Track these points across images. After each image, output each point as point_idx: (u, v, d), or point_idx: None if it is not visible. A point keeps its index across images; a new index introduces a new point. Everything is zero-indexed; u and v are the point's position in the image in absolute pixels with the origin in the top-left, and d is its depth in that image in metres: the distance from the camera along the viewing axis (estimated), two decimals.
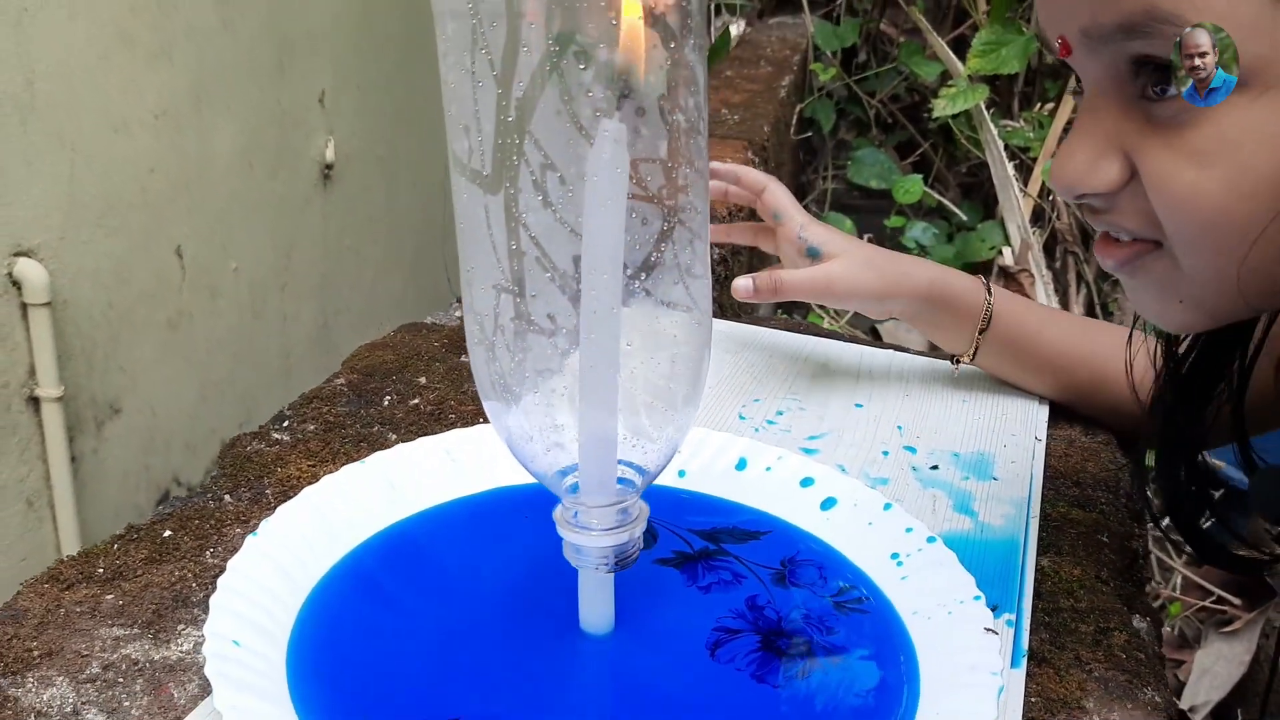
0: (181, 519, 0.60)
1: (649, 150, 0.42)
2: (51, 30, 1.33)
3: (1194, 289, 0.50)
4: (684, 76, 0.42)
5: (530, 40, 0.39)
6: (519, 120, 0.40)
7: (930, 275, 0.77)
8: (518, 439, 0.47)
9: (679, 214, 0.43)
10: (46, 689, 0.48)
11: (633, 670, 0.50)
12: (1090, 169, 0.50)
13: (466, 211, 0.43)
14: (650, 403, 0.46)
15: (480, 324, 0.45)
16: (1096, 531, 0.67)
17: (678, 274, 0.44)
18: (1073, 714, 0.52)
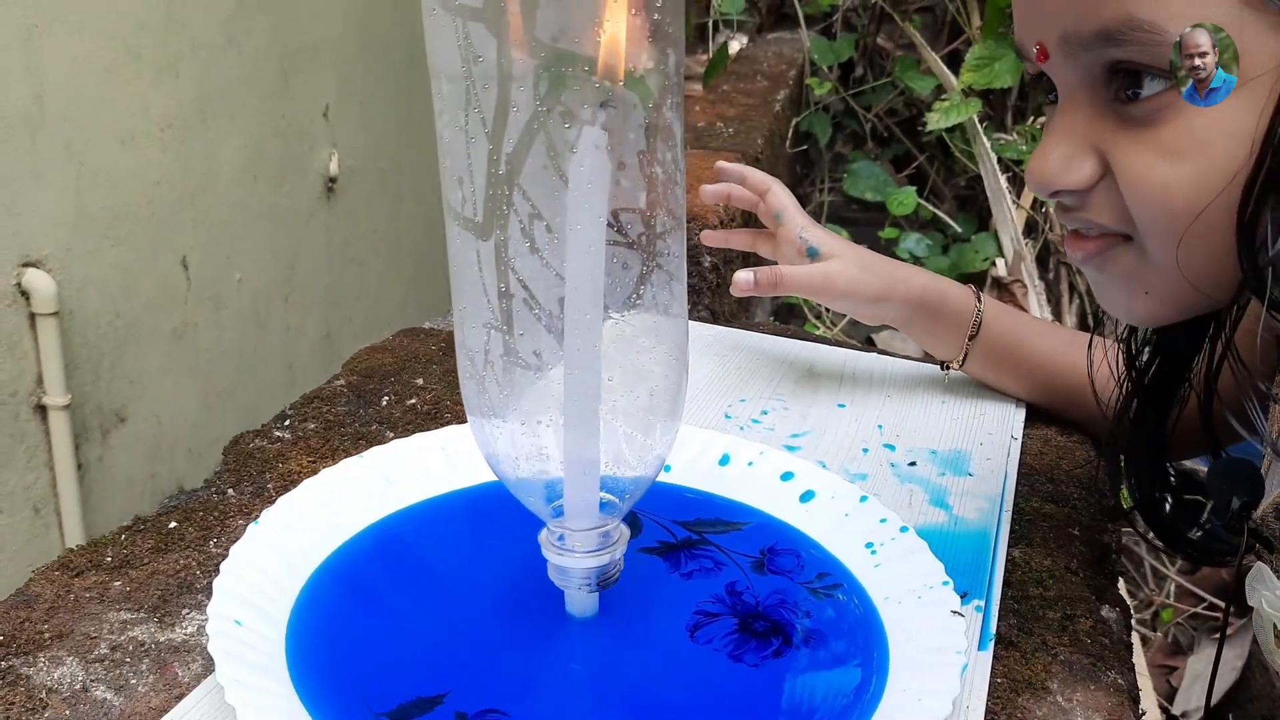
0: (186, 511, 0.62)
1: (629, 200, 0.45)
2: (60, 46, 1.36)
3: (1160, 280, 0.53)
4: (663, 133, 0.45)
5: (519, 101, 0.43)
6: (509, 174, 0.44)
7: (923, 281, 0.79)
8: (505, 466, 0.50)
9: (658, 258, 0.46)
10: (57, 668, 0.50)
11: (615, 650, 0.53)
12: (1065, 168, 0.53)
13: (459, 255, 0.46)
14: (630, 434, 0.49)
15: (471, 359, 0.48)
16: (1068, 525, 0.70)
17: (656, 314, 0.47)
18: (1037, 694, 0.55)
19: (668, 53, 0.44)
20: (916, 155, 2.24)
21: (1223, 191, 0.48)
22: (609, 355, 0.46)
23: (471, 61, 0.42)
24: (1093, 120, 0.51)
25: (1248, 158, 0.47)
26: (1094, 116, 0.51)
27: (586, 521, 0.51)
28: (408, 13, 2.16)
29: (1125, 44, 0.48)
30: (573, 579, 0.53)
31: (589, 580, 0.53)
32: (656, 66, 0.44)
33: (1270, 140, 0.46)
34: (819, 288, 0.79)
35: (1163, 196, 0.49)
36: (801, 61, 2.13)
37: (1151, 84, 0.48)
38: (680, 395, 0.50)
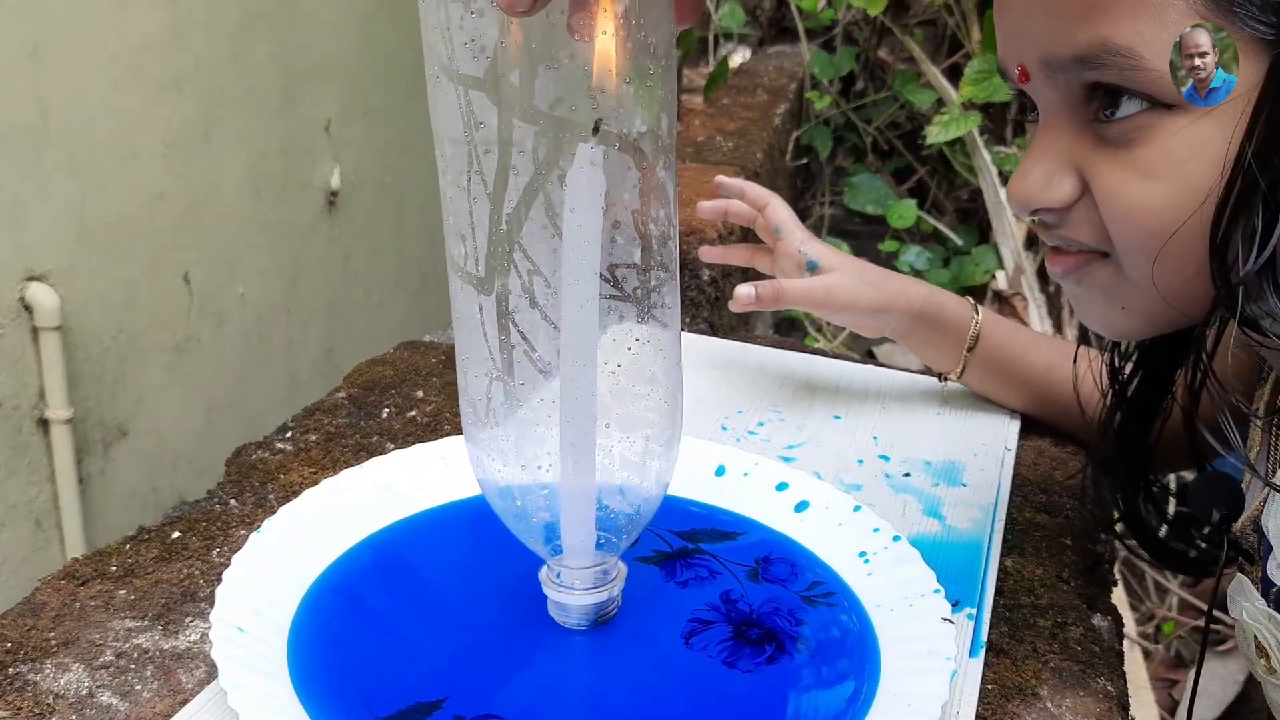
0: (189, 521, 0.63)
1: (624, 256, 0.46)
2: (65, 62, 1.37)
3: (1136, 296, 0.54)
4: (656, 192, 0.47)
5: (519, 165, 0.44)
6: (509, 232, 0.45)
7: (922, 293, 0.80)
8: (506, 507, 0.51)
9: (652, 310, 0.48)
10: (63, 674, 0.51)
11: (611, 656, 0.54)
12: (1045, 186, 0.54)
13: (462, 307, 0.48)
14: (627, 477, 0.51)
15: (474, 406, 0.49)
16: (1061, 535, 0.70)
17: (650, 361, 0.49)
18: (1026, 700, 0.55)
19: (661, 116, 0.46)
20: (917, 168, 2.25)
21: (1196, 211, 0.49)
22: (606, 404, 0.48)
23: (473, 127, 0.44)
24: (1073, 139, 0.53)
25: (1219, 179, 0.48)
26: (1074, 136, 0.53)
27: (584, 560, 0.52)
28: (410, 31, 2.17)
29: (1101, 67, 0.49)
30: (571, 614, 0.54)
31: (587, 616, 0.54)
32: (650, 130, 0.45)
33: (1240, 163, 0.47)
34: (820, 301, 0.79)
35: (1138, 215, 0.51)
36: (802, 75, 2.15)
37: (1129, 104, 0.50)
38: (675, 438, 0.52)
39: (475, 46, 0.43)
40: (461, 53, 0.43)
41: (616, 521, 0.52)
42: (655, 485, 0.52)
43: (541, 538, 0.53)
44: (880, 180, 2.11)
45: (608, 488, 0.51)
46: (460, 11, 0.42)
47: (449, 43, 0.43)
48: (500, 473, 0.51)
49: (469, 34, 0.43)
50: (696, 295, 1.11)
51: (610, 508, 0.51)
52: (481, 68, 0.43)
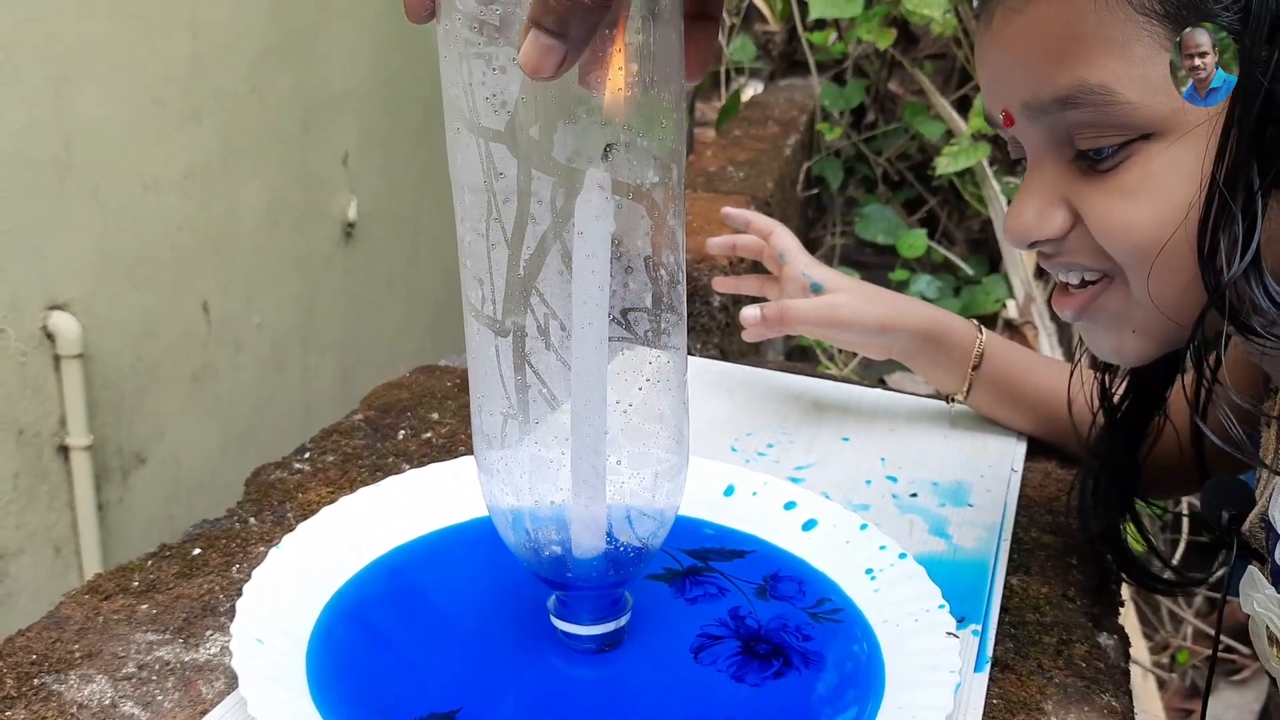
0: (210, 539, 0.65)
1: (636, 300, 0.48)
2: (89, 95, 1.40)
3: (1144, 317, 0.56)
4: (667, 239, 0.49)
5: (537, 214, 0.46)
6: (527, 277, 0.47)
7: (928, 313, 0.82)
8: (518, 541, 0.53)
9: (662, 353, 0.50)
10: (87, 685, 0.52)
11: (620, 669, 0.55)
12: (1039, 220, 0.57)
13: (478, 349, 0.50)
14: (637, 512, 0.52)
15: (488, 442, 0.51)
16: (1067, 554, 0.71)
17: (659, 401, 0.51)
18: (1031, 715, 0.56)
19: (671, 167, 0.48)
20: (927, 199, 2.27)
21: (1180, 225, 0.52)
22: (617, 441, 0.50)
23: (493, 177, 0.46)
24: (1060, 175, 0.56)
25: (1199, 193, 0.51)
26: (1060, 171, 0.56)
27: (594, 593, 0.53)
28: (428, 65, 2.20)
29: (1080, 107, 0.52)
30: (579, 643, 0.56)
31: (594, 644, 0.55)
32: (662, 180, 0.47)
33: (1215, 181, 0.50)
34: (825, 320, 0.80)
35: (1126, 234, 0.54)
36: (813, 107, 2.17)
37: (1110, 138, 0.52)
38: (682, 472, 0.53)
39: (496, 101, 0.45)
40: (483, 107, 0.45)
41: (625, 553, 0.53)
42: (664, 516, 0.53)
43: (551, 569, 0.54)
44: (891, 210, 2.13)
45: (617, 520, 0.52)
46: (483, 68, 0.44)
47: (470, 97, 0.45)
48: (514, 506, 0.52)
49: (490, 89, 0.44)
50: (707, 321, 1.12)
51: (620, 540, 0.53)
52: (502, 121, 0.45)
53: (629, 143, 0.45)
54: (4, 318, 1.34)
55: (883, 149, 2.28)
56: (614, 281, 0.47)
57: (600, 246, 0.46)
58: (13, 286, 1.34)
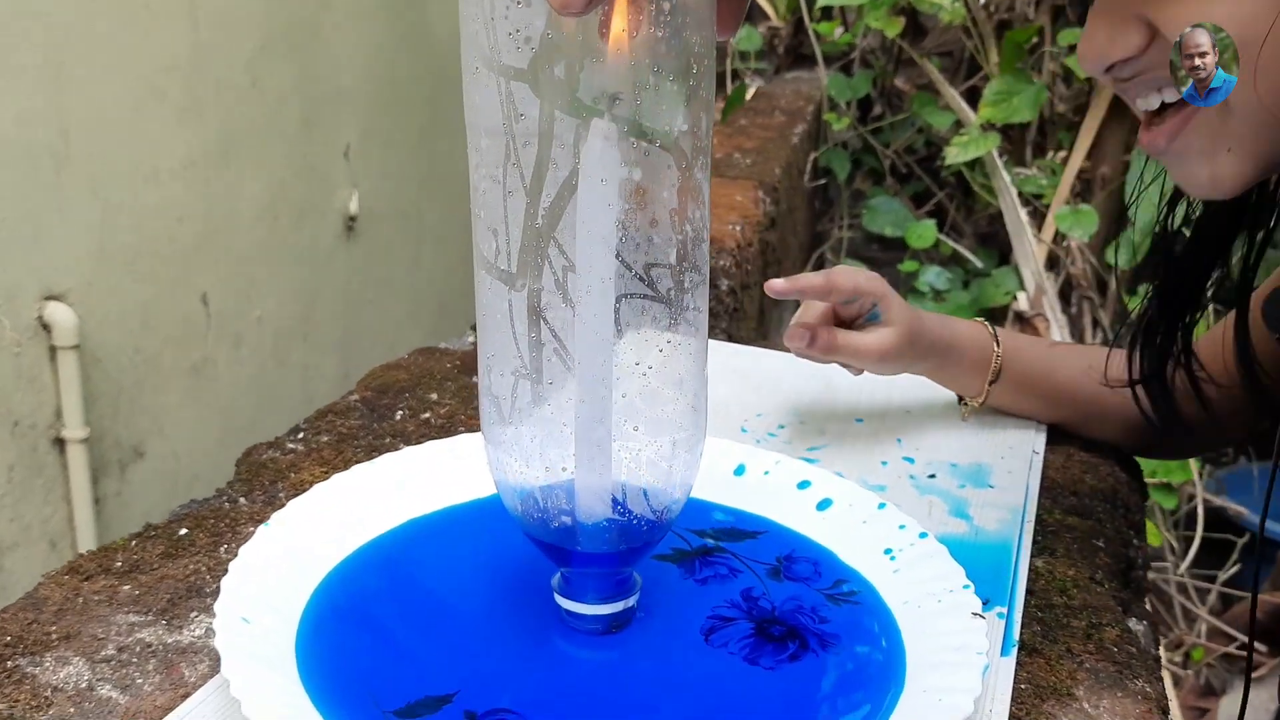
0: (198, 519, 0.62)
1: (660, 256, 0.45)
2: (87, 84, 1.38)
3: (1241, 130, 0.52)
4: (693, 193, 0.46)
5: (559, 159, 0.43)
6: (545, 227, 0.44)
7: (944, 337, 0.77)
8: (525, 508, 0.50)
9: (684, 313, 0.47)
10: (63, 667, 0.50)
11: (627, 651, 0.52)
12: (1112, 41, 0.53)
13: (490, 304, 0.47)
14: (652, 482, 0.49)
15: (497, 405, 0.48)
16: (1093, 537, 0.68)
17: (680, 365, 0.48)
18: (1062, 701, 0.53)
19: (701, 116, 0.45)
20: (935, 191, 2.24)
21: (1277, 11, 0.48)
22: (635, 406, 0.47)
23: (513, 119, 0.43)
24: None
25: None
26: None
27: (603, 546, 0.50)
28: (429, 60, 2.18)
29: None
30: (584, 625, 0.53)
31: (600, 625, 0.53)
32: (690, 129, 0.44)
33: None
34: (874, 361, 0.74)
35: None
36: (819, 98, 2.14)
37: None
38: (700, 441, 0.50)
39: (520, 38, 0.42)
40: (505, 43, 0.42)
41: (639, 527, 0.50)
42: (679, 489, 0.51)
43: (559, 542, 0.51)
44: (899, 202, 2.10)
45: (632, 491, 0.49)
46: (506, 2, 0.42)
47: (492, 33, 0.42)
48: (521, 474, 0.49)
49: (514, 24, 0.42)
50: (715, 305, 1.09)
51: (633, 512, 0.50)
52: (525, 59, 0.42)
53: (658, 85, 0.43)
54: None
55: (890, 141, 2.25)
56: (637, 235, 0.44)
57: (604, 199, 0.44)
58: (8, 276, 1.32)
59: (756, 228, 1.23)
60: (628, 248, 0.44)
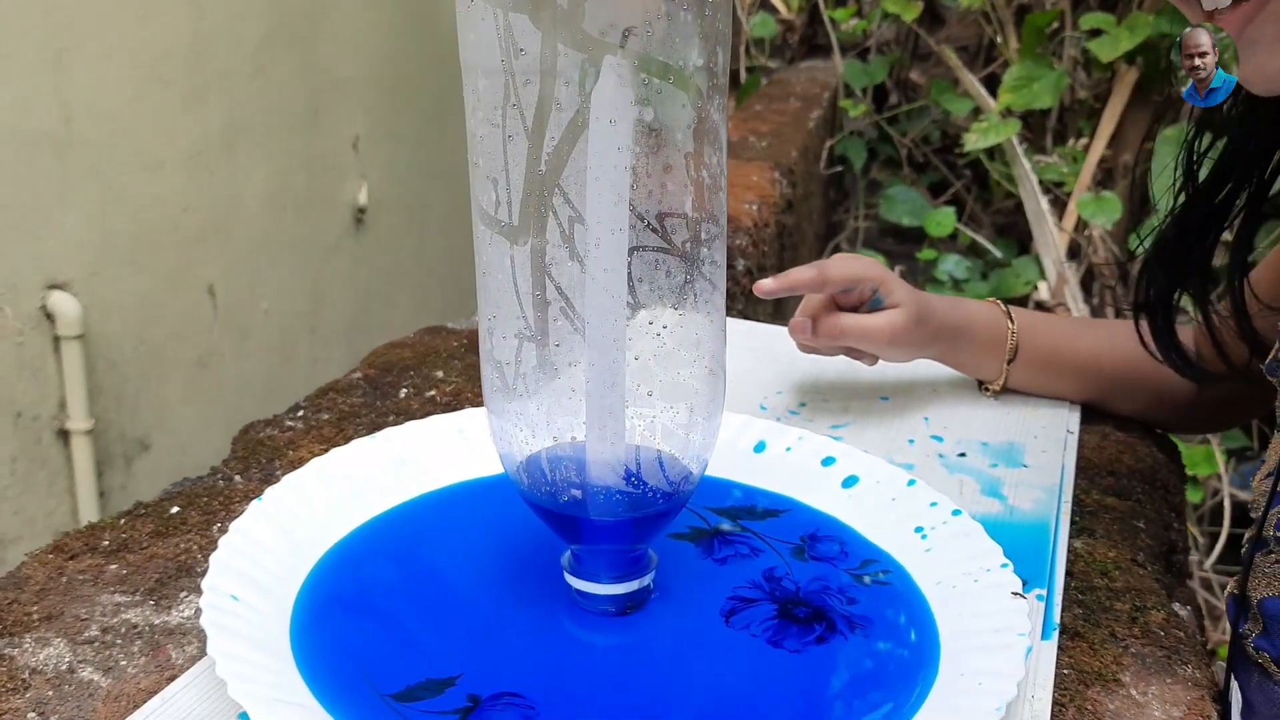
0: (190, 497, 0.59)
1: (675, 204, 0.42)
2: (89, 70, 1.36)
3: None
4: (709, 136, 0.42)
5: (563, 98, 0.40)
6: (550, 174, 0.41)
7: (956, 320, 0.73)
8: (530, 480, 0.47)
9: (700, 266, 0.43)
10: (43, 649, 0.47)
11: (641, 633, 0.49)
12: None
13: (491, 261, 0.43)
14: (667, 451, 0.46)
15: (500, 371, 0.45)
16: (1133, 518, 0.65)
17: (697, 325, 0.44)
18: (1108, 686, 0.50)
19: (716, 51, 0.41)
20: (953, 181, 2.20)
21: None
22: (649, 369, 0.44)
23: (512, 55, 0.40)
24: None
25: None
26: None
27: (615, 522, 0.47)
28: (437, 51, 2.16)
29: None
30: (597, 604, 0.50)
31: (614, 606, 0.49)
32: (706, 64, 0.41)
33: None
34: (885, 343, 0.70)
35: None
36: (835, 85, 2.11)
37: None
38: (718, 408, 0.47)
39: None
40: None
41: (654, 499, 0.47)
42: (696, 460, 0.47)
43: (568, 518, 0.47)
44: (916, 192, 2.06)
45: (646, 461, 0.46)
46: None
47: None
48: (527, 444, 0.46)
49: None
50: (731, 286, 1.06)
51: (648, 483, 0.46)
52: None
53: (671, 14, 0.39)
54: (2, 296, 1.30)
55: (906, 131, 2.22)
56: (649, 182, 0.41)
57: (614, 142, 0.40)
58: (11, 264, 1.29)
59: (773, 209, 1.19)
60: (639, 196, 0.41)
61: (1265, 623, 0.56)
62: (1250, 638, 0.57)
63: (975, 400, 0.76)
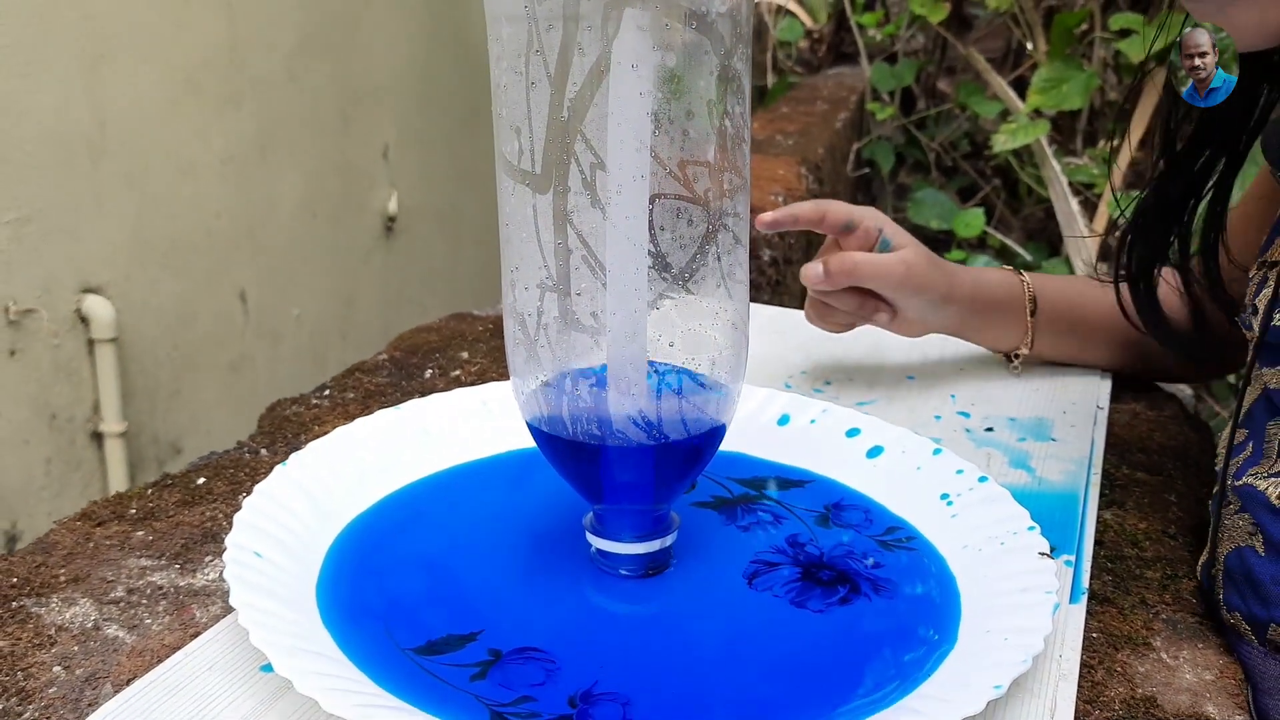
0: (216, 468, 0.59)
1: (698, 152, 0.42)
2: (125, 75, 1.38)
3: None
4: (732, 84, 0.42)
5: (585, 44, 0.40)
6: (572, 120, 0.41)
7: (970, 278, 0.73)
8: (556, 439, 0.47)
9: (723, 218, 0.43)
10: (69, 608, 0.47)
11: (663, 593, 0.48)
12: None
13: (514, 212, 0.43)
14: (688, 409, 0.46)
15: (522, 324, 0.45)
16: (1164, 491, 0.64)
17: (720, 278, 0.44)
18: (1138, 650, 0.49)
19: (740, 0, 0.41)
20: (981, 185, 2.19)
21: None
22: (671, 320, 0.44)
23: (536, 1, 0.40)
24: None
25: None
26: None
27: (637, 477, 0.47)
28: (468, 58, 2.17)
29: None
30: (619, 564, 0.49)
31: (635, 569, 0.49)
32: (730, 11, 0.41)
33: None
34: (898, 280, 0.69)
35: None
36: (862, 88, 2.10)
37: None
38: (741, 365, 0.47)
39: None
40: None
41: (675, 456, 0.47)
42: (717, 418, 0.47)
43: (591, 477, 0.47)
44: (945, 195, 2.05)
45: (668, 414, 0.46)
46: None
47: None
48: (547, 395, 0.46)
49: None
50: (756, 276, 1.06)
51: (669, 437, 0.46)
52: None
53: None
54: (37, 299, 1.31)
55: (934, 135, 2.21)
56: (672, 129, 0.41)
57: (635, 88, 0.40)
58: (46, 268, 1.31)
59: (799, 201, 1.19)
60: (661, 142, 0.41)
61: (1234, 580, 0.53)
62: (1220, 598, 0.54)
63: (1003, 378, 0.76)
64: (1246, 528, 0.53)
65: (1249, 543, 0.52)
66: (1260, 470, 0.52)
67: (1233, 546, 0.53)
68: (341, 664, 0.41)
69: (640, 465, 0.46)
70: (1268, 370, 0.53)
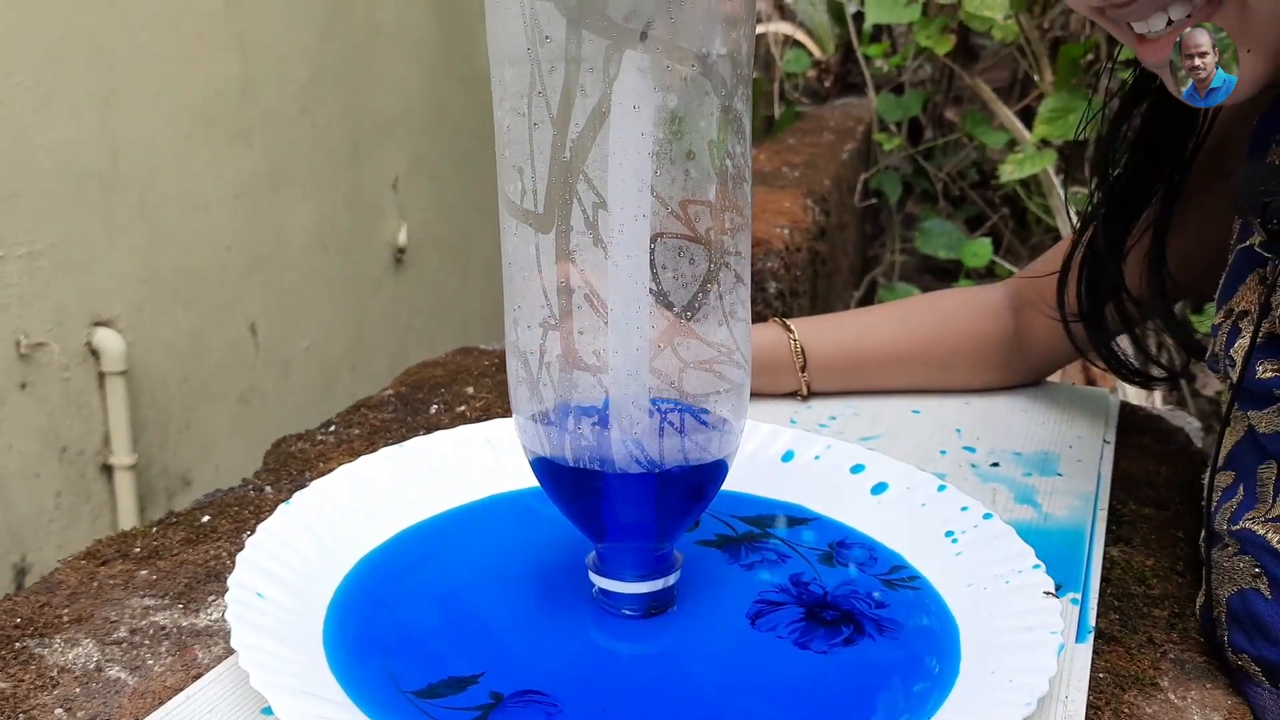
0: (221, 506, 0.59)
1: (699, 192, 0.42)
2: (137, 110, 1.39)
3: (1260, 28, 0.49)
4: (733, 124, 0.43)
5: (587, 85, 0.40)
6: (574, 160, 0.41)
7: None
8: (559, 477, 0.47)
9: (725, 257, 0.44)
10: (72, 649, 0.47)
11: (666, 634, 0.48)
12: None
13: (516, 251, 0.44)
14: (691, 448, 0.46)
15: (525, 362, 0.45)
16: (1171, 527, 0.63)
17: (722, 315, 0.44)
18: (1145, 691, 0.48)
19: (741, 42, 0.42)
20: (989, 214, 2.19)
21: None
22: (672, 358, 0.44)
23: (537, 43, 0.40)
24: None
25: None
26: None
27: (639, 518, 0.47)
28: (477, 91, 2.19)
29: None
30: (622, 604, 0.49)
31: (638, 608, 0.49)
32: (730, 54, 0.42)
33: None
34: None
35: None
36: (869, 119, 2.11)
37: None
38: (744, 401, 0.47)
39: None
40: None
41: (678, 493, 0.47)
42: (720, 455, 0.47)
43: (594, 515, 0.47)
44: (952, 225, 2.06)
45: (670, 449, 0.45)
46: None
47: None
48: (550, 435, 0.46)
49: None
50: (763, 309, 1.06)
51: (672, 475, 0.46)
52: None
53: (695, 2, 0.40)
54: (48, 332, 1.32)
55: (941, 165, 2.21)
56: (674, 168, 0.41)
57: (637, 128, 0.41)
58: (57, 300, 1.32)
59: (805, 234, 1.19)
60: (663, 182, 0.41)
61: (1239, 621, 0.53)
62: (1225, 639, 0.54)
63: (1009, 412, 0.76)
64: (1250, 570, 0.52)
65: (1253, 585, 0.52)
66: (1257, 514, 0.52)
67: (1235, 589, 0.53)
68: (343, 706, 0.41)
69: (642, 503, 0.46)
70: (1253, 414, 0.52)
